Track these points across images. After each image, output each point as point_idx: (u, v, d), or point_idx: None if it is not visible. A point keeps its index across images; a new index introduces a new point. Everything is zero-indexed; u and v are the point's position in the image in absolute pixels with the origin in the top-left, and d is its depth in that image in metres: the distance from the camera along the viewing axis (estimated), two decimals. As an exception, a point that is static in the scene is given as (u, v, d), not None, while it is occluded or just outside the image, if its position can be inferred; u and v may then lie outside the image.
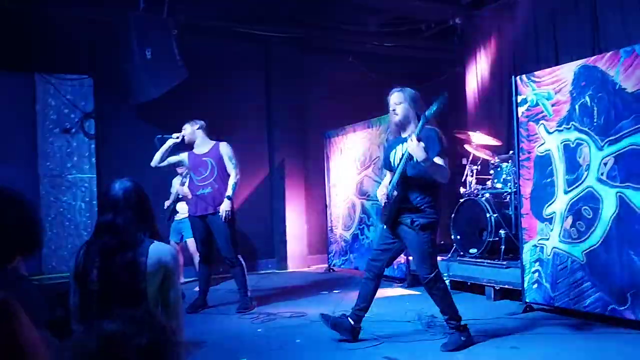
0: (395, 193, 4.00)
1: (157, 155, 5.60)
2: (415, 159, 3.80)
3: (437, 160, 3.86)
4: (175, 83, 6.82)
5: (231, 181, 5.53)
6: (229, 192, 5.50)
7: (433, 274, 4.04)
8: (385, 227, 4.21)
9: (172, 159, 5.73)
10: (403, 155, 3.94)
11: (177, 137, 5.62)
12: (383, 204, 4.13)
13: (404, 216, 4.02)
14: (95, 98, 7.30)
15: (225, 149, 5.62)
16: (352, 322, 4.30)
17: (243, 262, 5.56)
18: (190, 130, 5.67)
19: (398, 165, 4.00)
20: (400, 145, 4.09)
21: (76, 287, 2.34)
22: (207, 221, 5.55)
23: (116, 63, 6.94)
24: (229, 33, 7.99)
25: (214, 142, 5.69)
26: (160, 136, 5.64)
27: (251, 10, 7.76)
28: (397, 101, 4.09)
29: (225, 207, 5.43)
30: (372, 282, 4.30)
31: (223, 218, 5.43)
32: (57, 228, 6.97)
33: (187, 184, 6.00)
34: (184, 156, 5.74)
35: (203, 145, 5.67)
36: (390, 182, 4.10)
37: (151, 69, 6.65)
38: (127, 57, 6.76)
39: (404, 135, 4.12)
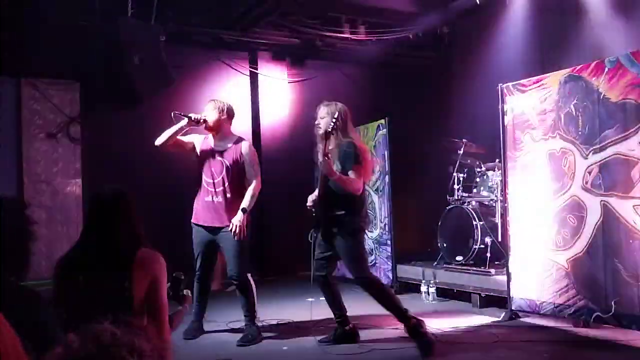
0: (319, 201, 4.26)
1: (164, 134, 4.62)
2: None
3: (351, 173, 4.14)
4: (163, 89, 6.80)
5: (250, 191, 4.59)
6: (245, 203, 4.55)
7: (363, 276, 4.24)
8: (320, 238, 4.40)
9: (185, 139, 4.74)
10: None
11: (197, 121, 4.57)
12: (313, 212, 4.37)
13: (330, 225, 4.26)
14: (81, 103, 7.25)
15: (247, 150, 4.67)
16: (345, 328, 4.50)
17: (253, 284, 4.79)
18: (215, 116, 4.64)
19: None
20: None
21: (60, 292, 2.32)
22: (216, 235, 4.67)
23: (103, 68, 6.91)
24: (217, 40, 7.99)
25: (236, 137, 4.77)
26: (178, 113, 4.62)
27: (240, 18, 7.77)
28: (322, 115, 4.35)
29: (237, 220, 4.50)
30: (328, 289, 4.51)
31: (233, 234, 4.52)
32: (41, 234, 6.90)
33: None
34: (196, 140, 4.76)
35: (224, 138, 4.69)
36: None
37: (139, 75, 6.63)
38: (115, 62, 6.73)
39: (330, 146, 4.29)
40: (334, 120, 4.13)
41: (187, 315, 3.66)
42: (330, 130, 4.12)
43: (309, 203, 4.39)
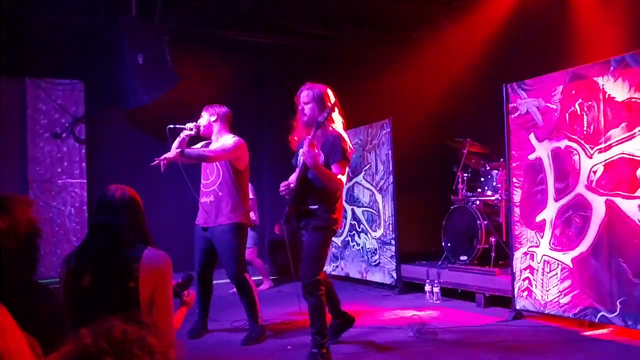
0: (295, 191, 3.93)
1: (172, 149, 4.66)
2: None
3: (335, 168, 3.87)
4: (166, 89, 6.82)
5: (201, 149, 4.64)
6: (188, 150, 4.55)
7: (313, 280, 3.89)
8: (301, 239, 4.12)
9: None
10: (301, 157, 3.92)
11: (191, 129, 4.70)
12: (286, 199, 4.05)
13: (302, 219, 3.98)
14: (86, 103, 7.28)
15: (228, 140, 4.67)
16: (340, 320, 4.44)
17: (251, 283, 4.71)
18: (206, 120, 4.78)
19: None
20: None
21: (67, 291, 2.33)
22: (211, 234, 4.71)
23: (108, 68, 6.94)
24: (220, 40, 8.00)
25: (230, 137, 4.78)
26: (172, 126, 4.66)
27: (242, 18, 7.78)
28: (306, 100, 4.04)
29: (168, 155, 4.40)
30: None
31: (158, 161, 4.37)
32: (47, 233, 6.93)
33: None
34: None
35: (219, 140, 4.74)
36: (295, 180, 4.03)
37: (143, 74, 6.65)
38: (119, 62, 6.76)
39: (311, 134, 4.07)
40: (327, 111, 3.82)
41: (191, 314, 3.66)
42: (322, 121, 3.81)
43: (282, 189, 4.05)
